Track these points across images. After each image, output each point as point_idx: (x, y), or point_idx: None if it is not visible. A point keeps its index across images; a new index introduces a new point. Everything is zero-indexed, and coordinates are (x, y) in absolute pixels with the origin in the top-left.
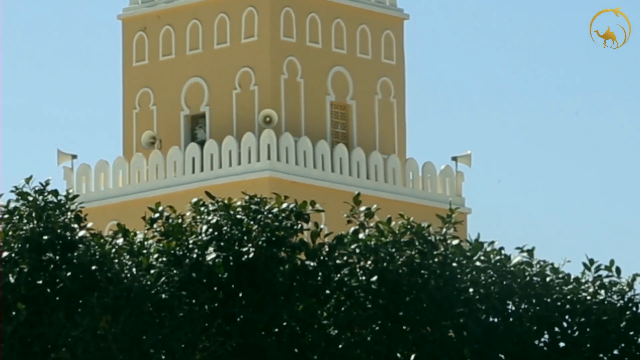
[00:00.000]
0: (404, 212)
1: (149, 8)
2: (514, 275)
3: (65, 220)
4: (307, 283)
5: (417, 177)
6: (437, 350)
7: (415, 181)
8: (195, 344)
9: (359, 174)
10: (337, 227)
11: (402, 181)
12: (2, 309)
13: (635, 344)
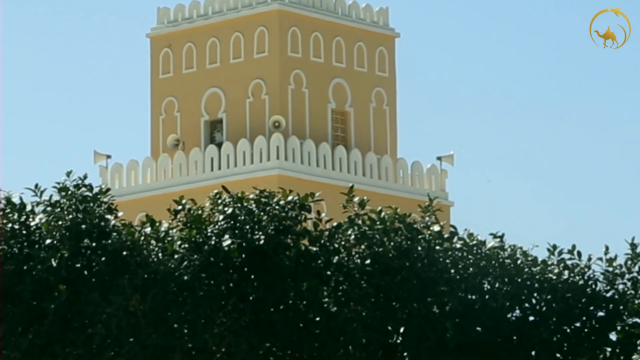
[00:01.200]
0: (395, 205)
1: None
2: (489, 258)
3: (100, 212)
4: (310, 266)
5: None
6: (423, 323)
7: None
8: (214, 319)
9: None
10: (336, 217)
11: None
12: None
13: (594, 318)
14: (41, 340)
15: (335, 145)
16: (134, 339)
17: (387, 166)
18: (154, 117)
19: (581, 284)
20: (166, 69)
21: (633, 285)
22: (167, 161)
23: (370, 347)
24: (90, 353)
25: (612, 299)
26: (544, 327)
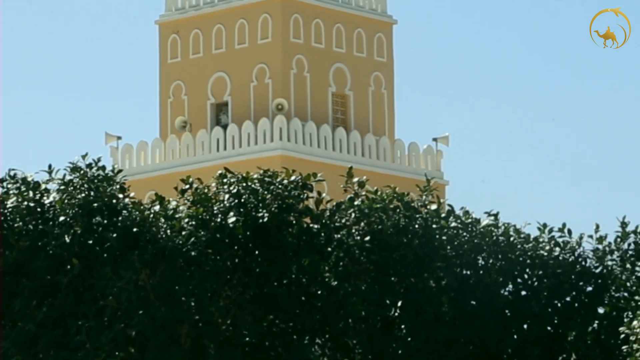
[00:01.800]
0: (393, 185)
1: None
2: (483, 235)
3: (112, 191)
4: (311, 242)
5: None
6: (420, 297)
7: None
8: (219, 293)
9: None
10: (337, 196)
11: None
12: None
13: (584, 292)
14: (55, 312)
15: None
16: (143, 312)
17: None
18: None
19: (571, 260)
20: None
21: (621, 262)
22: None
23: (369, 320)
24: (101, 325)
25: (601, 275)
26: (536, 301)
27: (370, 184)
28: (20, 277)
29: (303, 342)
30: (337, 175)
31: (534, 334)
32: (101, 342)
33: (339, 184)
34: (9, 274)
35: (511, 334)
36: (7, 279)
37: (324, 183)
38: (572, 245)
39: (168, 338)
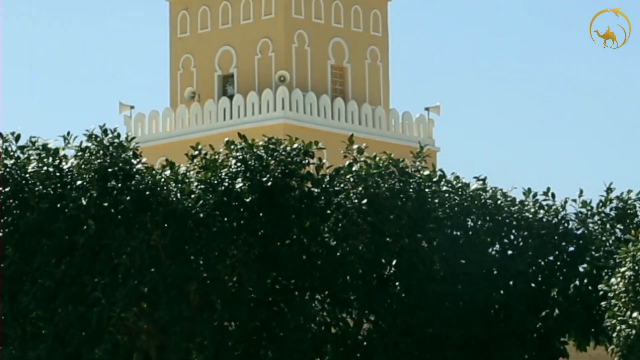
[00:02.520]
0: (388, 151)
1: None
2: (472, 198)
3: (125, 157)
4: (312, 205)
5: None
6: (413, 257)
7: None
8: (226, 252)
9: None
10: (336, 162)
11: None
12: None
13: (566, 252)
14: (72, 270)
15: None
16: (155, 270)
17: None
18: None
19: (555, 222)
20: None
21: (602, 225)
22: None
23: (366, 278)
24: (116, 282)
25: (582, 236)
26: (521, 260)
27: (367, 151)
28: (40, 237)
29: (304, 298)
30: (335, 143)
31: (519, 290)
32: (116, 298)
33: (338, 150)
34: (29, 234)
35: (498, 291)
36: (28, 239)
37: (323, 150)
38: (556, 208)
39: (178, 294)
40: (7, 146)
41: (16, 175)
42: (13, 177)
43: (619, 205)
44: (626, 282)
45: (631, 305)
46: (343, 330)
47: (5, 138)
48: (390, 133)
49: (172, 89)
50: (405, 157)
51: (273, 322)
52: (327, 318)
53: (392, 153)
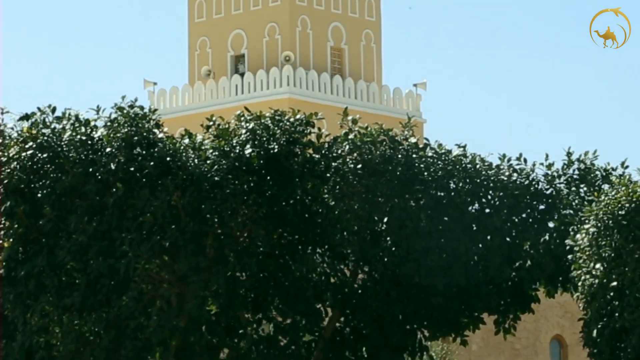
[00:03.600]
0: (380, 122)
1: None
2: (454, 163)
3: (149, 127)
4: (313, 169)
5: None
6: (402, 215)
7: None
8: (238, 211)
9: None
10: (334, 131)
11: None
12: None
13: (536, 210)
14: (103, 227)
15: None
16: (175, 226)
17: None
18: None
19: (526, 183)
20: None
21: (567, 185)
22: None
23: (360, 233)
24: (140, 237)
25: (551, 195)
26: (497, 217)
27: (362, 122)
28: (74, 198)
29: (306, 252)
30: (334, 115)
31: (496, 244)
32: (141, 251)
33: (336, 121)
34: (64, 195)
35: (477, 244)
36: (64, 200)
37: (323, 121)
38: (527, 171)
39: (195, 248)
40: (44, 117)
41: (53, 143)
42: (50, 145)
43: (581, 166)
44: (590, 237)
45: (594, 258)
46: (341, 280)
47: (42, 110)
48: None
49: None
50: (395, 127)
51: (279, 272)
52: (326, 269)
53: (383, 124)
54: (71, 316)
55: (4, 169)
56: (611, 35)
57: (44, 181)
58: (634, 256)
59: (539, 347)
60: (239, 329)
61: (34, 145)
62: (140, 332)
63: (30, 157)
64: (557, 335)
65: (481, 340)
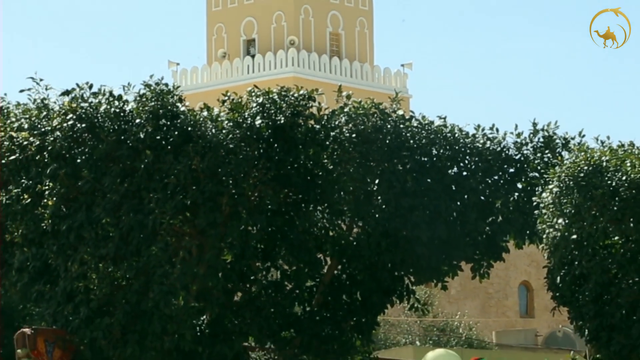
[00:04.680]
0: (372, 97)
1: None
2: (436, 132)
3: (172, 101)
4: (315, 138)
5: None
6: (391, 177)
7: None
8: (249, 174)
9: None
10: (332, 105)
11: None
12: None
13: (507, 173)
14: (133, 187)
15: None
16: (195, 187)
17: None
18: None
19: (498, 150)
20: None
21: (533, 151)
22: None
23: (355, 193)
24: (165, 196)
25: (519, 160)
26: (473, 179)
27: (355, 97)
28: (108, 162)
29: (309, 209)
30: (332, 91)
31: (472, 202)
32: (166, 209)
33: (334, 97)
34: (100, 160)
35: (455, 202)
36: (99, 164)
37: (323, 96)
38: (499, 139)
39: (213, 206)
40: (82, 93)
41: (90, 115)
42: (87, 117)
43: (545, 135)
44: (553, 196)
45: (557, 214)
46: (338, 233)
47: (81, 87)
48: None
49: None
50: (384, 102)
51: (285, 227)
52: (326, 224)
53: (374, 98)
54: (106, 264)
55: (48, 137)
56: (611, 35)
57: (82, 148)
58: (591, 212)
59: (509, 291)
60: (251, 276)
61: (74, 116)
62: (165, 278)
63: (71, 127)
64: (525, 281)
65: (459, 285)
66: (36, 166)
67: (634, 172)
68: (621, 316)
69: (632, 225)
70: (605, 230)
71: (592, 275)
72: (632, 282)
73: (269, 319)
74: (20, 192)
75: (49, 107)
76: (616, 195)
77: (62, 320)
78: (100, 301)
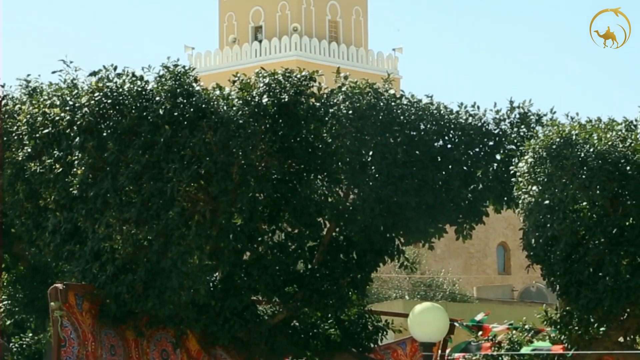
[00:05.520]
0: (366, 78)
1: None
2: (423, 109)
3: (189, 81)
4: (315, 114)
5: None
6: (383, 149)
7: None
8: (257, 146)
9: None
10: (331, 85)
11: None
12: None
13: (487, 145)
14: (153, 158)
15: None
16: (209, 158)
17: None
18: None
19: (479, 125)
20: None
21: (510, 126)
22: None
23: (351, 163)
24: (182, 166)
25: (498, 134)
26: (456, 151)
27: (352, 78)
28: (131, 136)
29: (310, 178)
30: (331, 72)
31: (455, 171)
32: (182, 177)
33: (332, 78)
34: (124, 134)
35: (441, 172)
36: (123, 137)
37: (322, 77)
38: (480, 115)
39: (224, 175)
40: (107, 74)
41: (115, 93)
42: (113, 95)
43: (520, 111)
44: (528, 166)
45: (531, 182)
46: (336, 200)
47: (106, 68)
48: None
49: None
50: (378, 82)
51: (289, 193)
52: (325, 191)
53: (369, 79)
54: (129, 227)
55: (77, 113)
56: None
57: (108, 123)
58: (562, 180)
59: (488, 251)
60: (258, 237)
61: (100, 95)
62: (182, 239)
63: (97, 103)
64: (502, 242)
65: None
66: (67, 139)
67: (600, 145)
68: (588, 273)
69: (598, 192)
70: (574, 196)
71: (563, 237)
72: (598, 243)
73: (274, 276)
74: (53, 162)
75: (78, 86)
76: (584, 165)
77: (90, 276)
78: (124, 260)
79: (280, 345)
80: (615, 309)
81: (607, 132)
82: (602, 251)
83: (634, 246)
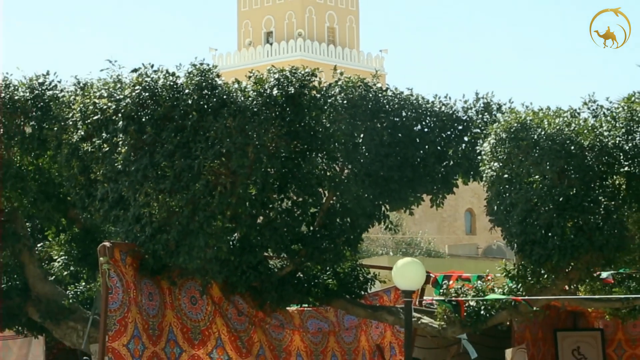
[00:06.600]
0: (358, 74)
1: None
2: (405, 100)
3: (212, 77)
4: (316, 104)
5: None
6: (372, 133)
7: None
8: (269, 130)
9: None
10: (329, 80)
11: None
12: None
13: (457, 129)
14: (183, 140)
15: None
16: (229, 140)
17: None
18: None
19: (450, 112)
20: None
21: (476, 114)
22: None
23: (345, 144)
24: (207, 146)
25: (466, 120)
26: (432, 134)
27: (346, 74)
28: (165, 121)
29: (312, 156)
30: (329, 69)
31: (431, 151)
32: (207, 155)
33: (330, 74)
34: (159, 119)
35: (419, 151)
36: (159, 122)
37: (322, 73)
38: (451, 105)
39: (242, 153)
40: (146, 71)
41: (152, 87)
42: (150, 88)
43: (484, 101)
44: (491, 146)
45: (493, 159)
46: (333, 174)
47: (145, 66)
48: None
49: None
50: (367, 78)
51: (295, 169)
52: (324, 167)
53: (360, 75)
54: (164, 196)
55: (121, 103)
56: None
57: (146, 111)
58: (519, 158)
59: (457, 215)
60: (270, 204)
61: (140, 88)
62: (207, 206)
63: (137, 95)
64: (469, 208)
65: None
66: (112, 124)
67: (550, 129)
68: (540, 234)
69: (548, 167)
70: (528, 171)
71: (519, 204)
72: (548, 209)
73: (282, 236)
74: (101, 143)
75: (122, 81)
76: (537, 145)
77: (132, 236)
78: (160, 223)
79: (287, 293)
80: (561, 263)
81: (556, 118)
82: (551, 216)
83: (577, 211)
